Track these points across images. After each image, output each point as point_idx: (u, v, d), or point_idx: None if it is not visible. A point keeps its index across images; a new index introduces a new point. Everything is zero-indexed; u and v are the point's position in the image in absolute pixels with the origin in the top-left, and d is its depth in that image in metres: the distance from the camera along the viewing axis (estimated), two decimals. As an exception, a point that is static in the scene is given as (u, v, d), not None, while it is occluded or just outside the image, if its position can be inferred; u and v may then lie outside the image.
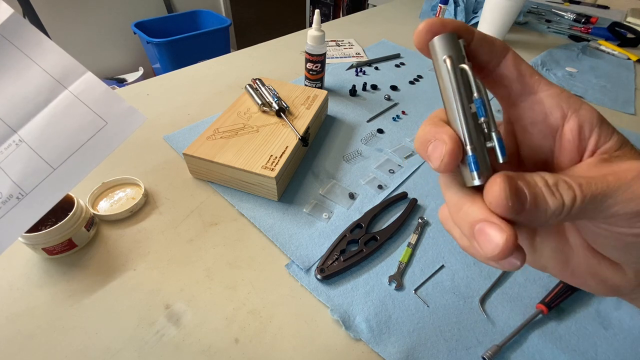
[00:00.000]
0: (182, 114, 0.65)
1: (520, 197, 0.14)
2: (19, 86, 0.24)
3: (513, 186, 0.14)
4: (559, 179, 0.14)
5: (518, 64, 0.17)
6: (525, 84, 0.17)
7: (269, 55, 0.89)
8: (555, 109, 0.17)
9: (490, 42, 0.17)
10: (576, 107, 0.17)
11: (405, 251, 0.44)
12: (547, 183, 0.14)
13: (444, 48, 0.16)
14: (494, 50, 0.17)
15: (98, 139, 0.24)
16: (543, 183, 0.14)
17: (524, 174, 0.15)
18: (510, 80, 0.17)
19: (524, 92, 0.17)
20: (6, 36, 0.24)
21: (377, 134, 0.64)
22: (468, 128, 0.15)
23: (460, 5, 1.14)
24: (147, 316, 0.36)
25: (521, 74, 0.17)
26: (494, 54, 0.17)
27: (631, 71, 0.95)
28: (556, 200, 0.14)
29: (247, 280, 0.40)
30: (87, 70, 0.25)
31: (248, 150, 0.49)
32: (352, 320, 0.37)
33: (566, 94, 0.17)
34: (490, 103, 0.16)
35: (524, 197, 0.14)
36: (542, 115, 0.17)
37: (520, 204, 0.14)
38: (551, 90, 0.17)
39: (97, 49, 1.93)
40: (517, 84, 0.17)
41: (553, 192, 0.14)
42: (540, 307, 0.39)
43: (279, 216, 0.47)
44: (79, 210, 0.40)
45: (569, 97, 0.17)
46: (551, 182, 0.14)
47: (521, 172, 0.15)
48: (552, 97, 0.17)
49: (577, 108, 0.17)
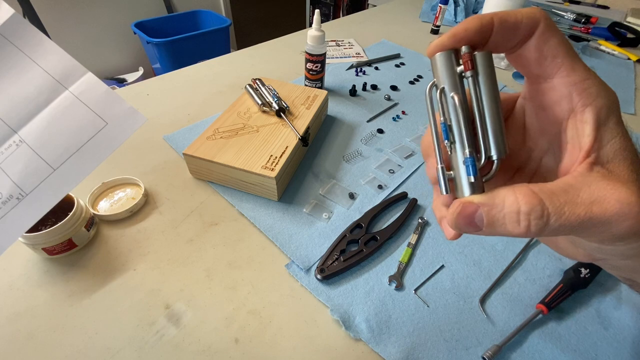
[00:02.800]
0: (182, 114, 0.65)
1: (473, 226, 0.16)
2: (19, 86, 0.24)
3: (466, 217, 0.16)
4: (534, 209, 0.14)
5: (541, 45, 0.16)
6: (544, 68, 0.16)
7: (269, 55, 0.89)
8: (565, 99, 0.16)
9: (513, 27, 0.16)
10: (588, 101, 0.15)
11: (405, 251, 0.44)
12: (519, 211, 0.14)
13: (435, 70, 0.17)
14: (517, 34, 0.16)
15: (98, 139, 0.24)
16: (513, 209, 0.15)
17: (498, 194, 0.15)
18: (530, 62, 0.16)
19: (540, 75, 0.17)
20: (7, 37, 0.24)
21: (377, 134, 0.64)
22: (439, 150, 0.17)
23: (460, 5, 1.14)
24: (147, 316, 0.36)
25: (542, 56, 0.16)
26: (516, 37, 0.16)
27: (631, 71, 0.95)
28: (519, 227, 0.15)
29: (247, 280, 0.40)
30: (87, 71, 0.25)
31: (248, 150, 0.49)
32: (352, 320, 0.37)
33: (583, 85, 0.16)
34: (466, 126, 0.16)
35: (479, 224, 0.15)
36: (552, 103, 0.17)
37: (474, 229, 0.16)
38: (570, 77, 0.16)
39: (97, 49, 1.93)
40: (535, 67, 0.16)
41: (518, 220, 0.14)
42: (540, 307, 0.39)
43: (279, 216, 0.47)
44: (79, 210, 0.40)
45: (584, 89, 0.16)
46: (524, 209, 0.14)
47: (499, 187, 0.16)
48: (566, 86, 0.16)
49: (589, 102, 0.15)
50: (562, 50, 0.16)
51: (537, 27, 0.16)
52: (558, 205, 0.14)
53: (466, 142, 0.16)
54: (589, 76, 0.16)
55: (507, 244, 0.46)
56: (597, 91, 0.15)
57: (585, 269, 0.41)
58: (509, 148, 0.17)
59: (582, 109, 0.16)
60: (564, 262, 0.44)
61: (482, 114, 0.16)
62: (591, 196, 0.14)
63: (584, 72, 0.16)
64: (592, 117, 0.15)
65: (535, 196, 0.14)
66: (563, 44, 0.16)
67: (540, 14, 0.16)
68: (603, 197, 0.14)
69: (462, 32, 0.16)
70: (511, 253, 0.45)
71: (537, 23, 0.15)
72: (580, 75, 0.16)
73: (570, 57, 0.16)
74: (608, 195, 0.14)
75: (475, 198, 0.16)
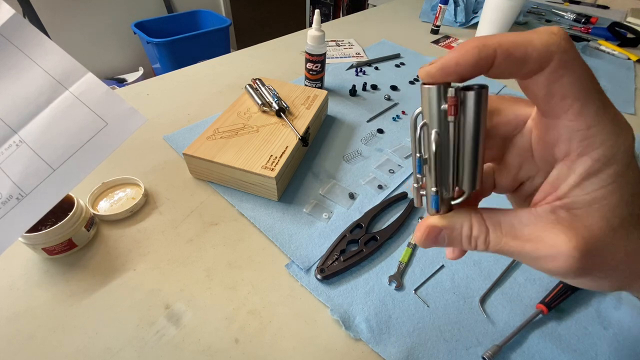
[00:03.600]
0: (182, 114, 0.65)
1: (437, 244, 0.19)
2: (20, 87, 0.24)
3: (432, 239, 0.19)
4: (480, 235, 0.18)
5: (551, 83, 0.14)
6: (551, 107, 0.15)
7: (269, 55, 0.89)
8: (564, 143, 0.15)
9: (520, 61, 0.14)
10: (586, 150, 0.15)
11: (405, 251, 0.44)
12: (471, 235, 0.18)
13: (422, 101, 0.17)
14: (524, 68, 0.14)
15: (98, 140, 0.24)
16: (466, 233, 0.18)
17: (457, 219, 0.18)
18: (537, 97, 0.15)
19: (546, 113, 0.15)
20: (7, 37, 0.24)
21: (377, 134, 0.64)
22: (414, 174, 0.19)
23: (460, 5, 1.14)
24: (147, 316, 0.36)
25: (550, 95, 0.14)
26: (522, 72, 0.14)
27: (631, 71, 0.95)
28: (470, 246, 0.18)
29: (247, 280, 0.40)
30: (88, 71, 0.25)
31: (248, 150, 0.49)
32: (352, 320, 0.37)
33: (587, 133, 0.14)
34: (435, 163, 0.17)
35: (442, 242, 0.19)
36: (552, 140, 0.16)
37: (438, 245, 0.19)
38: (575, 122, 0.14)
39: (97, 49, 1.93)
40: (542, 103, 0.15)
41: (470, 242, 0.18)
42: (540, 307, 0.39)
43: (279, 216, 0.47)
44: (79, 210, 0.40)
45: (586, 137, 0.14)
46: (474, 234, 0.18)
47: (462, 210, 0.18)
48: (569, 131, 0.15)
49: (586, 152, 0.15)
50: (573, 91, 0.14)
51: (549, 63, 0.14)
52: (498, 235, 0.17)
53: (434, 182, 0.17)
54: (597, 122, 0.14)
55: (507, 244, 0.46)
56: (602, 140, 0.14)
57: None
58: (480, 184, 0.18)
59: (576, 158, 0.15)
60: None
61: (460, 151, 0.17)
62: (531, 235, 0.16)
63: (593, 118, 0.14)
64: (582, 169, 0.15)
65: (483, 224, 0.18)
66: (576, 83, 0.14)
67: (557, 47, 0.13)
68: (539, 238, 0.16)
69: (453, 67, 0.15)
70: (511, 253, 0.45)
71: (550, 58, 0.13)
72: (587, 122, 0.14)
73: (582, 100, 0.14)
74: (545, 237, 0.16)
75: (439, 221, 0.18)
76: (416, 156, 0.17)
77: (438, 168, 0.17)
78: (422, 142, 0.17)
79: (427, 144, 0.17)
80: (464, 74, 0.15)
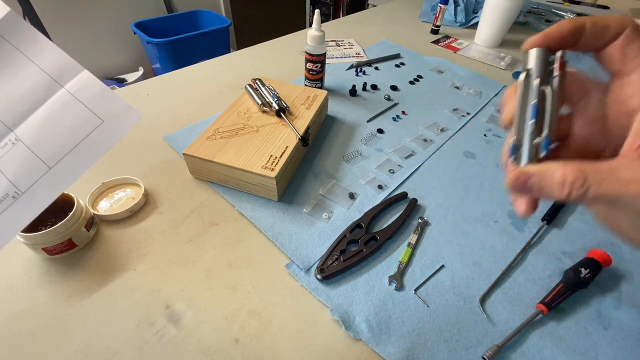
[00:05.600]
0: (182, 114, 0.65)
1: (525, 187, 0.19)
2: (15, 84, 0.24)
3: (521, 182, 0.19)
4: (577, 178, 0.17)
5: (625, 46, 0.18)
6: (625, 65, 0.18)
7: (269, 55, 0.89)
8: (638, 93, 0.18)
9: (601, 30, 0.18)
10: None
11: (405, 251, 0.44)
12: (564, 181, 0.17)
13: (529, 61, 0.19)
14: (606, 35, 0.18)
15: (94, 137, 0.24)
16: (559, 180, 0.18)
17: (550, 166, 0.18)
18: (613, 60, 0.18)
19: (621, 72, 0.18)
20: (2, 34, 0.24)
21: (377, 134, 0.64)
22: (518, 126, 0.20)
23: (460, 5, 1.14)
24: (147, 316, 0.36)
25: (624, 55, 0.18)
26: (604, 39, 0.18)
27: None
28: (563, 193, 0.17)
29: (247, 280, 0.40)
30: (83, 69, 0.25)
31: (248, 150, 0.49)
32: (352, 320, 0.37)
33: None
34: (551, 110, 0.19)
35: (530, 187, 0.18)
36: (627, 96, 0.18)
37: (526, 190, 0.19)
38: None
39: (97, 49, 1.93)
40: (617, 64, 0.18)
41: (563, 188, 0.17)
42: (540, 307, 0.39)
43: (279, 216, 0.47)
44: (79, 210, 0.40)
45: None
46: (569, 180, 0.17)
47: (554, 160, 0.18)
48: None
49: None
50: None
51: (624, 30, 0.18)
52: (599, 179, 0.17)
53: (547, 125, 0.19)
54: None
55: (507, 244, 0.46)
56: None
57: (585, 269, 0.41)
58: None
59: None
60: (564, 262, 0.44)
61: (554, 105, 0.19)
62: (631, 176, 0.16)
63: None
64: None
65: (581, 170, 0.17)
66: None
67: (629, 20, 0.18)
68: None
69: (555, 33, 0.19)
70: (511, 253, 0.45)
71: (625, 27, 0.18)
72: None
73: None
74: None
75: (532, 168, 0.18)
76: (528, 108, 0.19)
77: (554, 113, 0.19)
78: (529, 96, 0.19)
79: (537, 95, 0.19)
80: (562, 40, 0.19)
